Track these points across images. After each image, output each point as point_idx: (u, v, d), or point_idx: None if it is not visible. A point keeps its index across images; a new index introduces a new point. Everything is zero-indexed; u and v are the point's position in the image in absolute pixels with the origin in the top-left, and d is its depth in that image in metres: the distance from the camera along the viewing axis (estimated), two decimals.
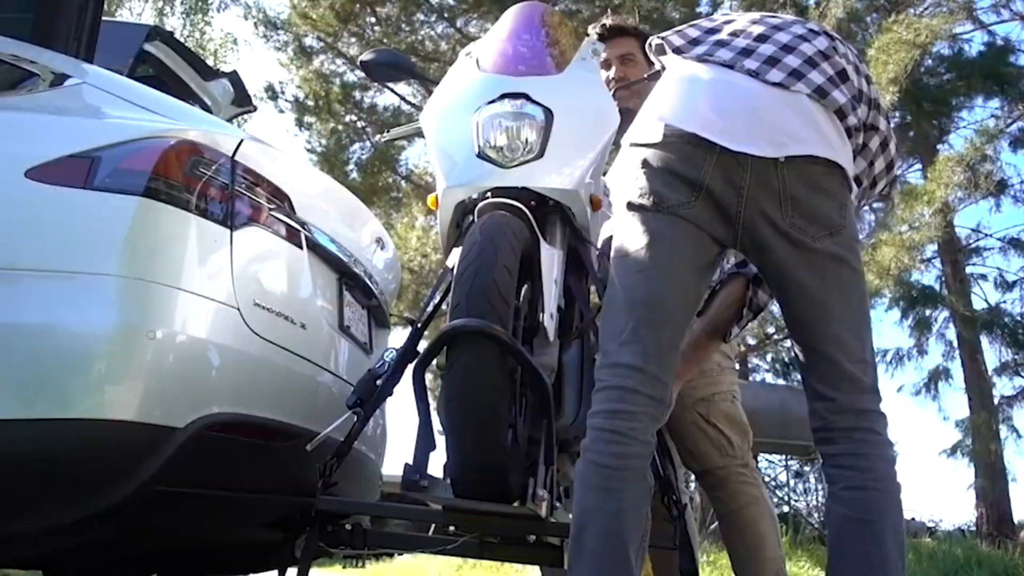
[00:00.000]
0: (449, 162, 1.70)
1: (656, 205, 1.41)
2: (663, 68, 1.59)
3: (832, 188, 1.44)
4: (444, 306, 1.81)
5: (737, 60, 1.47)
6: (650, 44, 1.64)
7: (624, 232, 1.46)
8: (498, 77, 1.68)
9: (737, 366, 2.20)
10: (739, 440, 2.09)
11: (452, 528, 1.68)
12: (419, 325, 1.85)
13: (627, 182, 1.47)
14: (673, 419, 1.85)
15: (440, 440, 1.57)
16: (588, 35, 2.06)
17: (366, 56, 2.07)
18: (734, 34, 1.54)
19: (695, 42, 1.54)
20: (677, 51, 1.54)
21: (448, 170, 1.69)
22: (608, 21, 2.18)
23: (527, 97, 1.62)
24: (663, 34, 1.60)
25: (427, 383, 1.67)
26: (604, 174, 2.00)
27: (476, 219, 1.59)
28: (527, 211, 1.56)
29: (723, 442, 2.04)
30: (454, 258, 1.58)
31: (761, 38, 1.51)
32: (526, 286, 1.58)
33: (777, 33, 1.52)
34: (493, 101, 1.63)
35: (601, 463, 1.39)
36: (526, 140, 1.60)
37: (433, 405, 1.62)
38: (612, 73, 2.19)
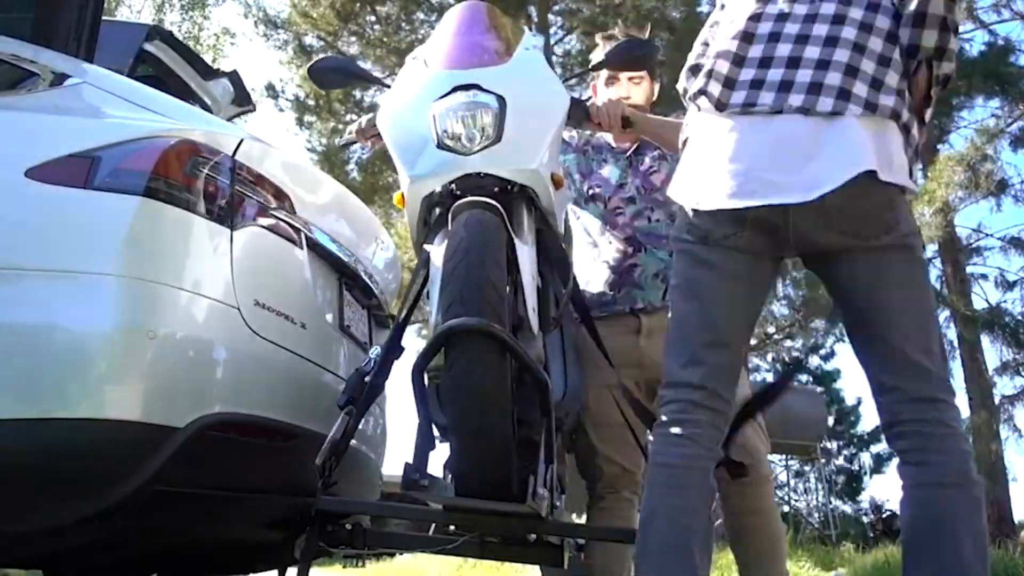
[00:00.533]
0: (410, 157, 1.72)
1: (703, 239, 1.49)
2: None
3: (879, 193, 1.43)
4: (422, 303, 1.81)
5: (782, 100, 1.45)
6: (685, 95, 1.64)
7: (677, 266, 1.57)
8: (448, 72, 1.72)
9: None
10: (763, 448, 2.10)
11: (452, 527, 1.69)
12: (401, 321, 1.85)
13: (676, 218, 1.59)
14: None
15: (440, 439, 1.58)
16: (530, 30, 2.17)
17: (313, 64, 2.12)
18: (764, 62, 1.51)
19: (730, 85, 1.51)
20: (719, 106, 1.51)
21: (411, 165, 1.72)
22: (621, 36, 2.23)
23: (478, 87, 1.67)
24: (699, 86, 1.56)
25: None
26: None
27: (452, 217, 1.61)
28: (501, 209, 1.59)
29: (747, 448, 2.01)
30: (436, 255, 1.61)
31: (794, 62, 1.48)
32: (508, 280, 1.61)
33: (806, 48, 1.49)
34: (446, 95, 1.67)
35: (666, 463, 1.45)
36: (483, 127, 1.64)
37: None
38: (620, 92, 2.25)
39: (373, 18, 10.67)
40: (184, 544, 2.23)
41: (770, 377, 20.42)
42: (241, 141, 1.98)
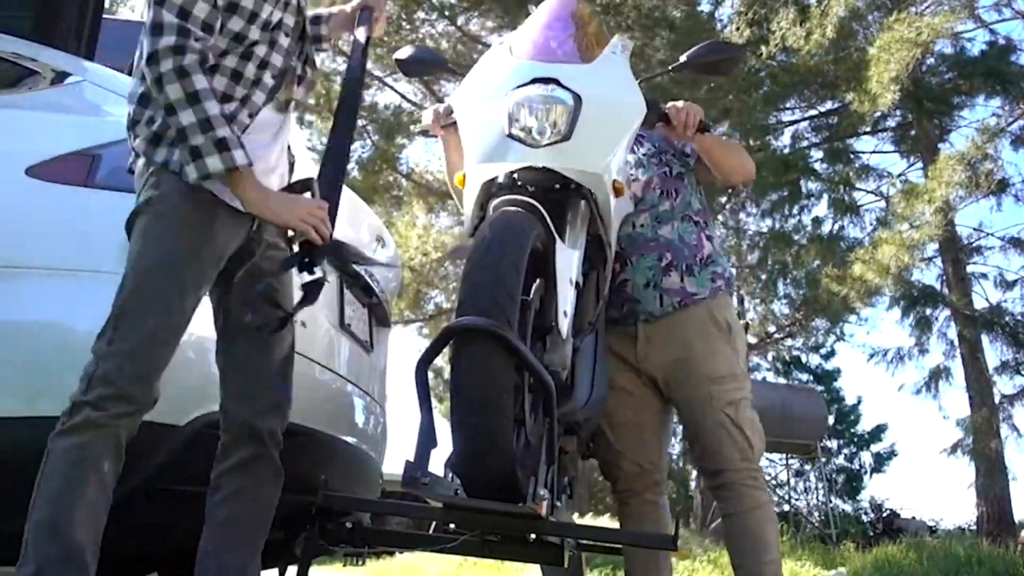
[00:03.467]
0: (479, 141, 1.71)
1: None
2: None
3: None
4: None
5: None
6: None
7: None
8: (530, 63, 1.71)
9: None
10: (759, 446, 2.11)
11: (452, 526, 1.68)
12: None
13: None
14: (700, 420, 2.03)
15: (441, 437, 1.57)
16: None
17: (401, 54, 2.12)
18: None
19: None
20: None
21: (478, 149, 1.71)
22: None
23: (557, 82, 1.65)
24: None
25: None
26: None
27: (492, 210, 1.62)
28: (541, 208, 1.57)
29: (745, 446, 2.05)
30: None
31: None
32: (539, 282, 1.58)
33: None
34: (524, 84, 1.66)
35: None
36: (554, 122, 1.63)
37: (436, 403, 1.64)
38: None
39: None
40: (184, 543, 2.23)
41: (771, 377, 20.45)
42: None
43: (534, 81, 1.66)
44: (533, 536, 1.66)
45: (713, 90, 9.84)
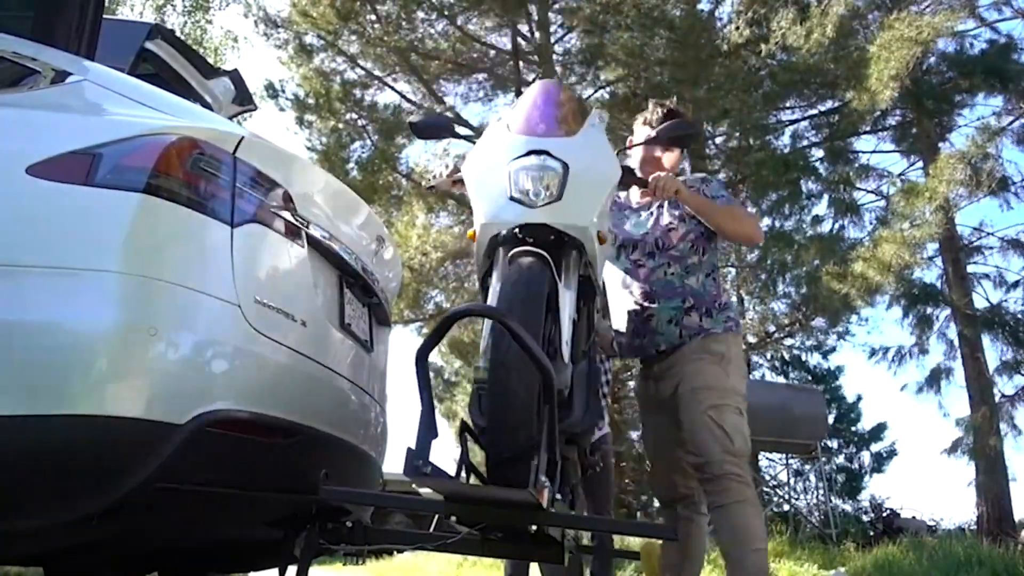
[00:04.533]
0: (486, 203, 2.02)
1: None
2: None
3: None
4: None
5: None
6: None
7: None
8: (525, 137, 2.01)
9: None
10: (741, 445, 2.35)
11: (453, 519, 1.69)
12: None
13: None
14: (687, 419, 2.38)
15: (442, 430, 1.61)
16: (594, 107, 2.56)
17: (414, 119, 2.51)
18: None
19: None
20: None
21: (486, 210, 2.01)
22: (661, 110, 2.70)
23: (548, 153, 1.96)
24: None
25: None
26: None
27: (509, 259, 1.92)
28: (548, 258, 1.88)
29: (727, 443, 2.32)
30: (494, 286, 1.93)
31: None
32: (549, 316, 1.86)
33: None
34: (522, 156, 1.97)
35: None
36: (548, 186, 1.93)
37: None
38: (655, 151, 2.62)
39: (373, 17, 10.66)
40: (184, 542, 2.23)
41: (771, 376, 20.44)
42: (242, 139, 1.97)
43: (529, 153, 1.96)
44: (534, 528, 1.67)
45: (713, 90, 9.84)
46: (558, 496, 1.67)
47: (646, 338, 2.49)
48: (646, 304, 2.49)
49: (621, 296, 2.59)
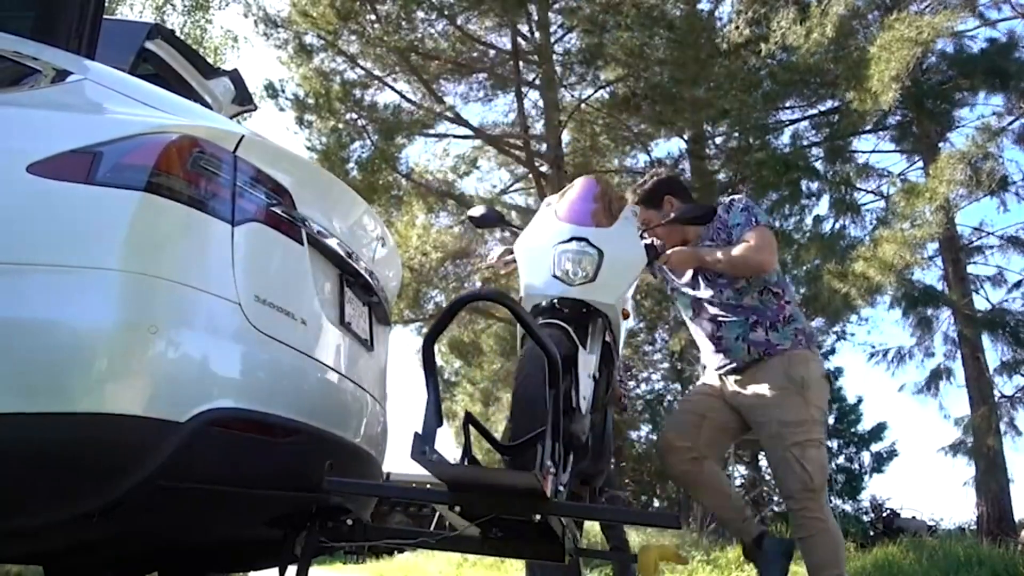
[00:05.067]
0: (533, 278, 2.36)
1: None
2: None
3: None
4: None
5: None
6: None
7: None
8: (569, 225, 2.36)
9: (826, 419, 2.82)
10: (820, 480, 2.60)
11: (457, 509, 1.70)
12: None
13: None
14: (772, 454, 2.68)
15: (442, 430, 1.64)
16: (629, 199, 2.80)
17: (474, 212, 2.79)
18: None
19: None
20: None
21: (531, 283, 2.36)
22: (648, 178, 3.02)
23: (587, 241, 2.31)
24: None
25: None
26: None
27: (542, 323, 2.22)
28: (570, 329, 2.20)
29: (807, 480, 2.58)
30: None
31: None
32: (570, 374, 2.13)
33: None
34: (565, 241, 2.32)
35: None
36: (584, 269, 2.28)
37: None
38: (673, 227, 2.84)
39: (373, 17, 10.66)
40: (185, 541, 2.23)
41: None
42: (242, 137, 1.98)
43: (571, 239, 2.31)
44: (538, 518, 1.68)
45: (713, 90, 9.83)
46: (561, 488, 1.70)
47: (722, 355, 2.80)
48: (714, 328, 2.81)
49: (692, 325, 2.96)
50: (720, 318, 2.79)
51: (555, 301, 2.27)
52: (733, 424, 2.79)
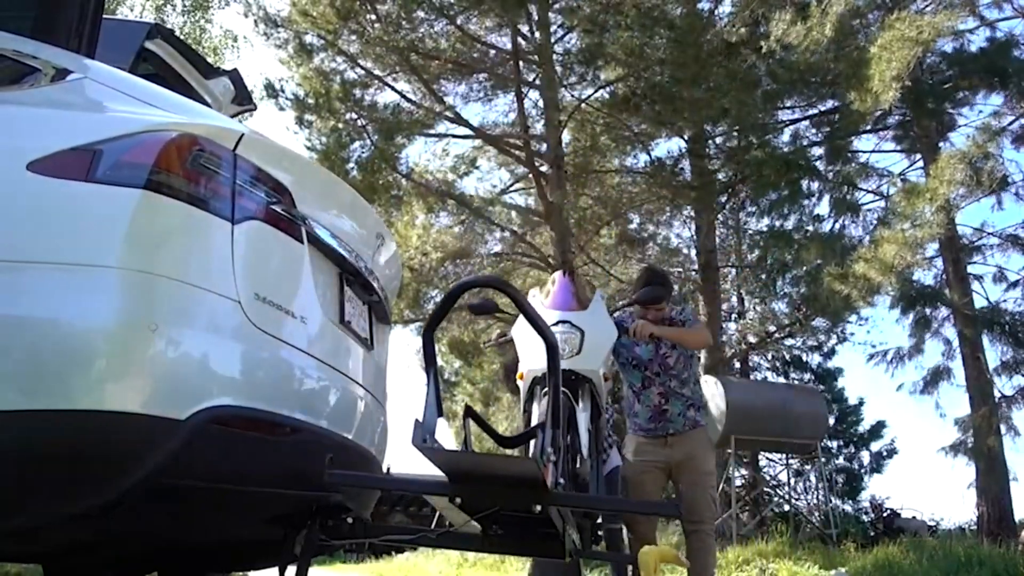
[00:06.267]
0: (531, 355, 2.80)
1: None
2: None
3: None
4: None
5: None
6: None
7: None
8: (555, 311, 2.96)
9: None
10: (715, 510, 3.57)
11: (459, 501, 1.70)
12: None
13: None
14: (693, 492, 3.47)
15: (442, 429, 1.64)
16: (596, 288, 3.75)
17: (472, 303, 3.48)
18: None
19: None
20: None
21: (530, 360, 2.81)
22: (651, 295, 3.59)
23: (570, 323, 2.90)
24: None
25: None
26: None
27: (539, 395, 2.70)
28: (569, 393, 2.63)
29: (713, 509, 3.58)
30: (535, 410, 2.62)
31: None
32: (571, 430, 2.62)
33: None
34: (554, 324, 2.77)
35: None
36: (571, 345, 2.85)
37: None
38: (647, 316, 3.59)
39: (373, 17, 10.65)
40: (185, 540, 2.23)
41: (771, 376, 20.43)
42: (242, 136, 1.98)
43: (559, 322, 2.85)
44: (538, 509, 1.68)
45: (713, 89, 9.84)
46: (561, 480, 1.71)
47: (662, 423, 3.60)
48: (662, 403, 3.61)
49: (641, 394, 3.65)
50: (668, 396, 3.64)
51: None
52: (661, 480, 3.64)
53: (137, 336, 1.65)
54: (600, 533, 3.17)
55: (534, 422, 2.44)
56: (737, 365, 16.38)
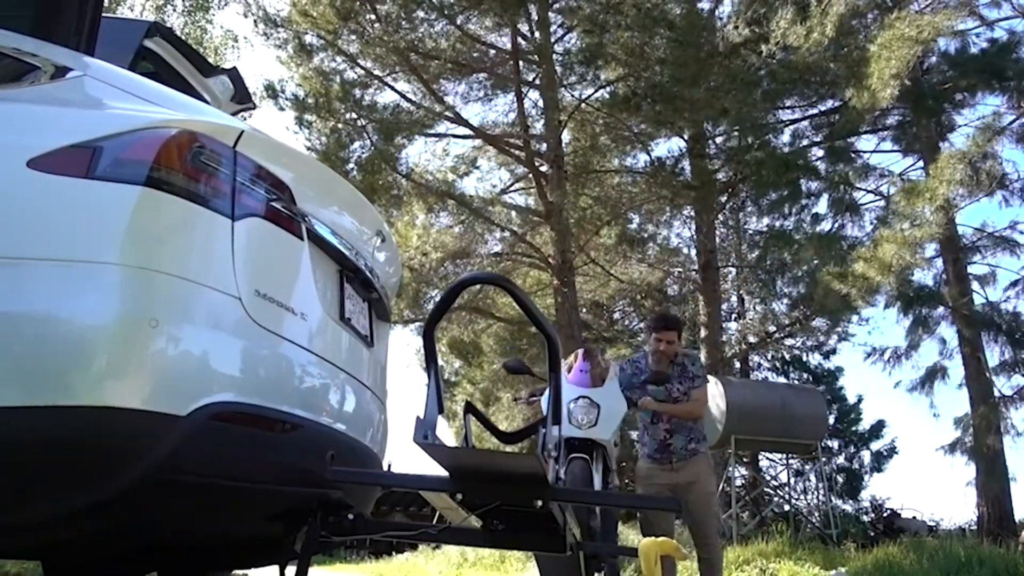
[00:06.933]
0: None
1: None
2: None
3: None
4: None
5: None
6: None
7: None
8: (575, 388, 3.63)
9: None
10: (719, 526, 4.00)
11: (459, 496, 1.71)
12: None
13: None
14: (701, 512, 4.12)
15: (442, 428, 1.64)
16: (611, 361, 4.22)
17: (508, 363, 4.28)
18: None
19: None
20: None
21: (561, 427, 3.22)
22: (663, 319, 4.38)
23: (589, 399, 3.62)
24: None
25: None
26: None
27: (568, 460, 3.45)
28: (587, 458, 3.51)
29: (719, 525, 4.32)
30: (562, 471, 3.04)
31: None
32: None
33: None
34: (575, 400, 3.58)
35: None
36: (589, 417, 3.60)
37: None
38: (659, 347, 4.19)
39: (373, 17, 10.66)
40: (186, 537, 2.23)
41: (771, 376, 20.43)
42: (242, 132, 1.98)
43: (579, 398, 3.59)
44: (539, 504, 1.69)
45: (713, 89, 9.84)
46: (561, 476, 1.72)
47: (667, 454, 4.16)
48: (667, 437, 4.17)
49: (650, 427, 4.21)
50: (672, 431, 4.19)
51: (572, 440, 3.54)
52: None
53: (138, 332, 1.65)
54: (604, 564, 3.66)
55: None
56: (737, 365, 16.40)
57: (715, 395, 10.08)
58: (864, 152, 11.88)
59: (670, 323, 4.20)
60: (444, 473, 1.73)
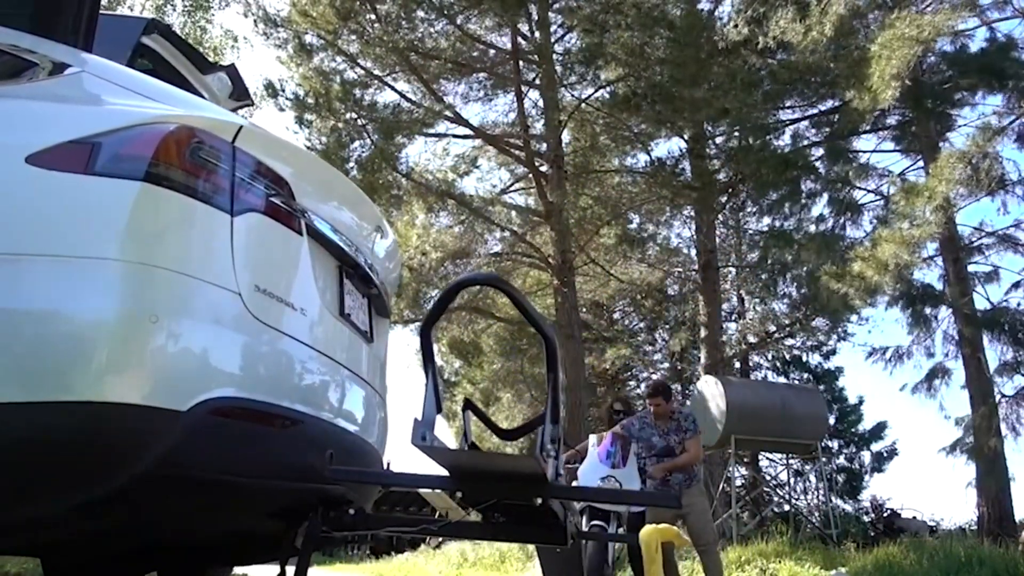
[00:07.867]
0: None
1: None
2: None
3: None
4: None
5: None
6: None
7: None
8: (603, 466, 4.03)
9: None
10: (716, 536, 5.50)
11: (459, 495, 1.71)
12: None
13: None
14: (701, 526, 5.22)
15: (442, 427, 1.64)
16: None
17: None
18: None
19: None
20: None
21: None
22: (649, 388, 5.54)
23: (614, 478, 3.96)
24: None
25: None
26: None
27: (589, 524, 3.93)
28: (604, 523, 4.00)
29: (716, 536, 5.44)
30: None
31: None
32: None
33: None
34: (603, 477, 3.97)
35: None
36: (615, 485, 3.88)
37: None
38: (653, 410, 5.28)
39: (373, 16, 10.67)
40: (186, 533, 2.22)
41: (771, 376, 20.44)
42: (240, 128, 1.97)
43: (606, 476, 3.96)
44: (539, 501, 1.69)
45: (713, 89, 9.84)
46: (561, 473, 1.71)
47: (666, 487, 5.10)
48: (666, 476, 5.17)
49: (652, 471, 5.10)
50: (671, 470, 5.17)
51: (599, 510, 4.02)
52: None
53: (137, 328, 1.64)
54: None
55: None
56: (737, 365, 16.40)
57: (715, 395, 10.08)
58: (864, 152, 11.89)
59: (656, 391, 5.36)
60: (443, 472, 1.73)
